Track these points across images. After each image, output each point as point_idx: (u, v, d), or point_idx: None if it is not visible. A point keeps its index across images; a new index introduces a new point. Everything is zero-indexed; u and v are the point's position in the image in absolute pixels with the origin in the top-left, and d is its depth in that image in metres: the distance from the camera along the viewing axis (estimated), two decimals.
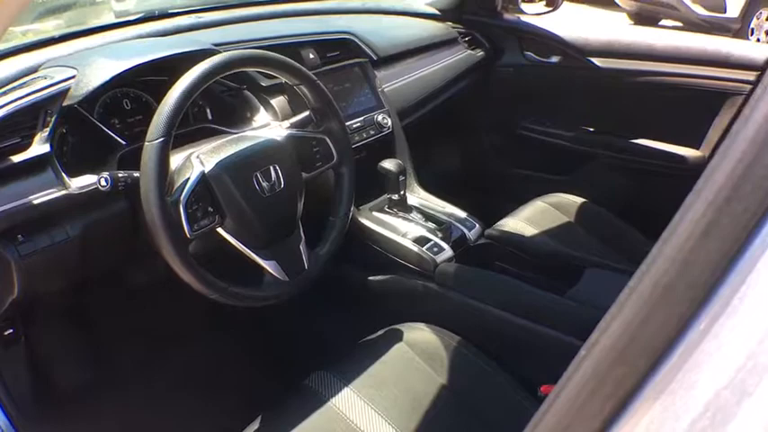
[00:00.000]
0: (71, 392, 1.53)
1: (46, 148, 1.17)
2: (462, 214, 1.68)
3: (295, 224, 1.28)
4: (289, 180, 1.24)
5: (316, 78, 1.30)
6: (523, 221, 1.74)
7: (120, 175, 1.15)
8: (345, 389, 1.19)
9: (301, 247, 1.27)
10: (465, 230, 1.63)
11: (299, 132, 1.31)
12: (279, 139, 1.27)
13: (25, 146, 1.17)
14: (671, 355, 0.34)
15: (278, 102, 1.52)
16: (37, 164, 1.17)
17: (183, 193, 1.09)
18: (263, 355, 1.72)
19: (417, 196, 1.75)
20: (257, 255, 1.20)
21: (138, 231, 1.26)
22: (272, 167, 1.21)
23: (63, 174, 1.18)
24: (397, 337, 1.31)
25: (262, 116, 1.50)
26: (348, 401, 1.17)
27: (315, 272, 1.28)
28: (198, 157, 1.17)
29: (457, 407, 1.19)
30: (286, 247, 1.25)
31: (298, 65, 1.27)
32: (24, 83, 1.24)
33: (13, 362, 1.39)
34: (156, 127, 1.07)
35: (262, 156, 1.22)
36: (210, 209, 1.14)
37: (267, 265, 1.21)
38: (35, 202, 1.14)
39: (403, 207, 1.65)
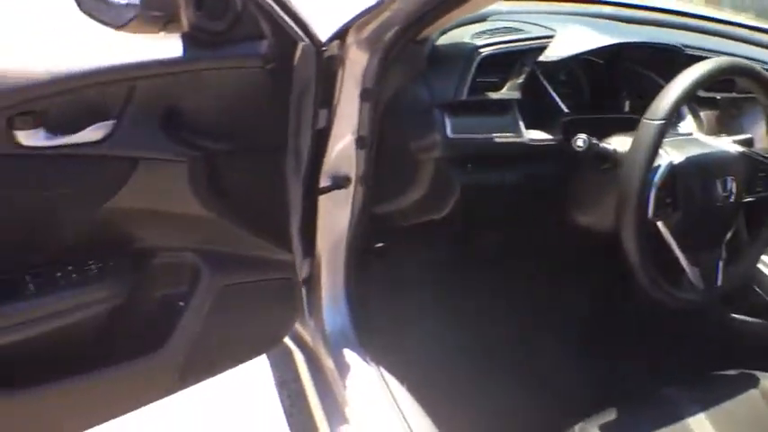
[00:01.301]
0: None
1: (515, 94, 1.25)
2: None
3: (723, 238, 1.24)
4: (738, 195, 1.20)
5: None
6: None
7: (593, 141, 1.18)
8: (701, 413, 1.14)
9: (720, 262, 1.24)
10: None
11: (755, 155, 1.27)
12: (734, 153, 1.24)
13: (498, 86, 1.25)
14: None
15: (706, 115, 1.48)
16: (504, 106, 1.25)
17: (657, 177, 1.10)
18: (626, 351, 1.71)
19: None
20: (685, 257, 1.18)
21: (562, 199, 1.29)
22: (729, 179, 1.19)
23: (521, 122, 1.24)
24: (753, 382, 1.23)
25: (686, 124, 1.48)
26: (701, 426, 1.13)
27: (727, 289, 1.24)
28: (662, 146, 1.17)
29: None
30: (708, 258, 1.22)
31: None
32: (497, 29, 1.32)
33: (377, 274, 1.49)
34: (661, 107, 1.08)
35: (724, 164, 1.20)
36: (668, 200, 1.14)
37: (690, 270, 1.19)
38: (494, 140, 1.21)
39: None
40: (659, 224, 1.15)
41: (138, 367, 1.17)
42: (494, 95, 1.24)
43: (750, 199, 1.26)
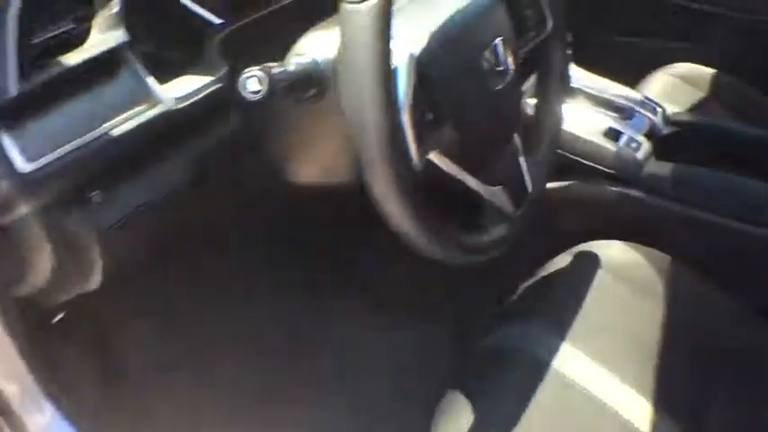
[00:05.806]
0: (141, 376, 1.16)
1: (118, 36, 0.71)
2: (637, 95, 1.29)
3: (515, 126, 0.89)
4: (515, 59, 0.82)
5: None
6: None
7: (275, 71, 0.64)
8: (550, 338, 0.87)
9: (521, 160, 0.89)
10: (650, 116, 1.26)
11: None
12: None
13: (82, 36, 0.71)
14: None
15: None
16: (105, 64, 0.71)
17: (402, 92, 0.67)
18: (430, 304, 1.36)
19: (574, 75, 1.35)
20: (478, 181, 0.81)
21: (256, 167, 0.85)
22: (497, 42, 0.79)
23: (146, 78, 0.73)
24: (590, 259, 0.99)
25: None
26: (561, 356, 0.85)
27: (538, 193, 0.92)
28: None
29: (686, 345, 0.90)
30: (505, 164, 0.87)
31: None
32: None
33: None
34: None
35: (483, 24, 0.80)
36: (430, 115, 0.73)
37: (491, 194, 0.83)
38: (113, 132, 0.70)
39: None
40: (433, 157, 0.75)
41: None
42: (75, 57, 0.67)
43: (525, 50, 0.89)
